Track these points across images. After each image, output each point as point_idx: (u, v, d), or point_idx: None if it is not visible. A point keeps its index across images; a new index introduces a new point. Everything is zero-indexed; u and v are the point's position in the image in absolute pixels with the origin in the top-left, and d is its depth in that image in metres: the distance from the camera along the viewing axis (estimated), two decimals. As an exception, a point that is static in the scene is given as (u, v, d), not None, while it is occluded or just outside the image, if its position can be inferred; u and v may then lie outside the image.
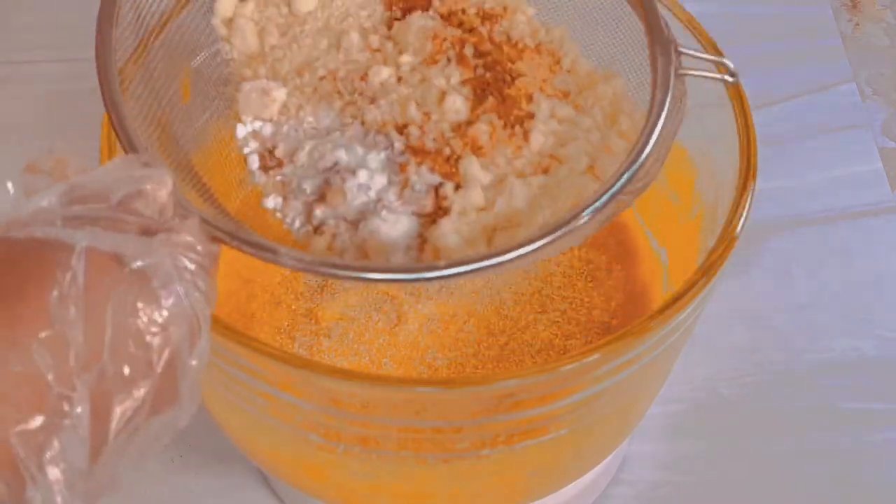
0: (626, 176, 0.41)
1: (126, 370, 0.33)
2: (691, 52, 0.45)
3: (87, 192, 0.36)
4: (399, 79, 0.47)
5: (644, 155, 0.42)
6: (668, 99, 0.43)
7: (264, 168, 0.46)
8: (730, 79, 0.46)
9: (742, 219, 0.46)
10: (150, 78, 0.45)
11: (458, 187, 0.44)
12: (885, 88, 0.82)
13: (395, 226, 0.44)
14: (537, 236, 0.40)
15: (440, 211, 0.44)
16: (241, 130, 0.47)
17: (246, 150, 0.47)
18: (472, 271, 0.40)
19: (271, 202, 0.45)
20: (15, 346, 0.32)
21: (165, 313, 0.35)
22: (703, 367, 0.66)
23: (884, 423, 0.64)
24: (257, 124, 0.47)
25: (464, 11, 0.48)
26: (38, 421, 0.31)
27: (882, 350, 0.67)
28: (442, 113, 0.46)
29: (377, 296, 0.58)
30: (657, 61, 0.44)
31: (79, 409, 0.32)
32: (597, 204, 0.41)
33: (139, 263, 0.34)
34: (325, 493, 0.55)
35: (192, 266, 0.36)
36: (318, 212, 0.44)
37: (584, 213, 0.41)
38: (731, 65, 0.46)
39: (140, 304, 0.34)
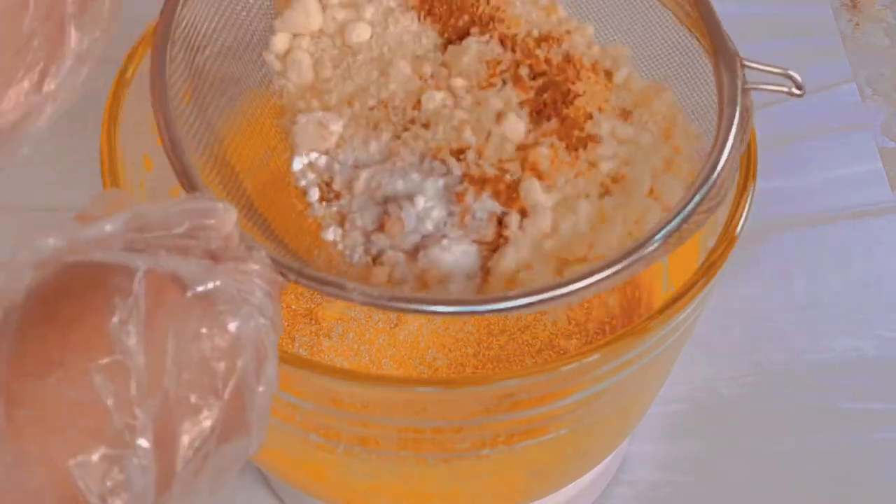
0: (698, 196, 0.40)
1: (192, 398, 0.32)
2: (757, 65, 0.44)
3: (149, 221, 0.34)
4: (454, 103, 0.46)
5: (716, 173, 0.41)
6: (737, 115, 0.42)
7: (322, 200, 0.45)
8: (797, 91, 0.44)
9: (742, 219, 0.46)
10: (203, 107, 0.44)
11: (521, 215, 0.43)
12: (885, 88, 0.82)
13: (456, 255, 0.42)
14: (609, 263, 0.39)
15: (501, 239, 0.43)
16: (298, 163, 0.46)
17: (303, 183, 0.46)
18: (543, 301, 0.39)
19: (331, 234, 0.45)
20: (72, 374, 0.30)
21: (230, 338, 0.33)
22: (703, 367, 0.66)
23: (884, 423, 0.64)
24: (313, 156, 0.46)
25: (517, 35, 0.47)
26: (98, 451, 0.30)
27: (882, 350, 0.67)
28: (501, 135, 0.45)
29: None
30: (722, 77, 0.43)
31: (141, 439, 0.31)
32: (670, 227, 0.40)
33: (202, 288, 0.33)
34: (325, 493, 0.55)
35: (258, 293, 0.35)
36: (377, 241, 0.44)
37: (656, 237, 0.40)
38: (798, 77, 0.44)
39: (204, 329, 0.33)
